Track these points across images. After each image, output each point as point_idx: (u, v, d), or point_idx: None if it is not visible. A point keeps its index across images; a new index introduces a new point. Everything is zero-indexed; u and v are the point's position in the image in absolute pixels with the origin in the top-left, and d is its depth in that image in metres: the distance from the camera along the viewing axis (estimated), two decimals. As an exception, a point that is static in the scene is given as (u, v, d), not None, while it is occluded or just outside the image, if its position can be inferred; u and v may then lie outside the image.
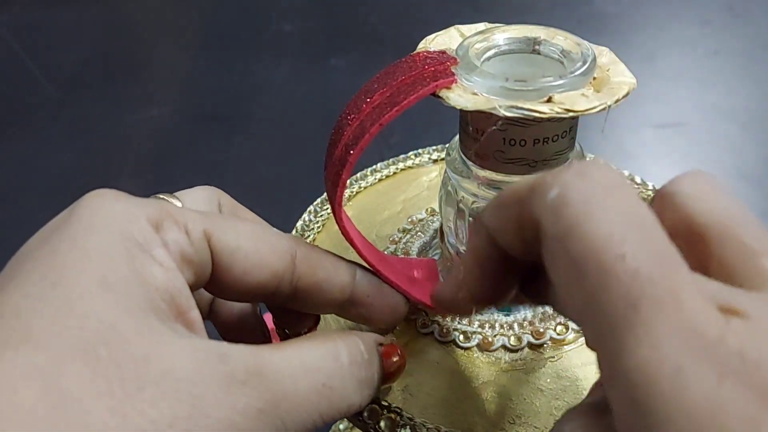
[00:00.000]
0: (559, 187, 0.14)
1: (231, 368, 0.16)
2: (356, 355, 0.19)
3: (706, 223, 0.15)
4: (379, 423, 0.22)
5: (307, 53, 0.85)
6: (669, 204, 0.16)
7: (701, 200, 0.15)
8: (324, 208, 0.31)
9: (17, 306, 0.15)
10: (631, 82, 0.21)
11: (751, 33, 0.86)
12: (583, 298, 0.13)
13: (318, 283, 0.21)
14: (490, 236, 0.17)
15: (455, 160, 0.25)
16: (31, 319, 0.15)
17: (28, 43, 0.88)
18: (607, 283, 0.13)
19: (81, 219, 0.17)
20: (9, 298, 0.15)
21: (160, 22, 0.97)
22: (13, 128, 0.73)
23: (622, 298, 0.13)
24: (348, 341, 0.19)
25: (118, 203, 0.17)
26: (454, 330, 0.25)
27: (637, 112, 0.70)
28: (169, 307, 0.17)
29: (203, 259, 0.18)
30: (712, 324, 0.12)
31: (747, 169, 0.64)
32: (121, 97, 0.78)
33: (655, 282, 0.13)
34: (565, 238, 0.13)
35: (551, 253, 0.14)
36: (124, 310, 0.15)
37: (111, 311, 0.15)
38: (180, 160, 0.67)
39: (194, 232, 0.18)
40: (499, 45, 0.23)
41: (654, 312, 0.12)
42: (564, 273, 0.14)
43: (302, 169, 0.49)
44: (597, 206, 0.13)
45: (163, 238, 0.17)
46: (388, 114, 0.20)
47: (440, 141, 0.35)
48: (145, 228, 0.17)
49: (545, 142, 0.22)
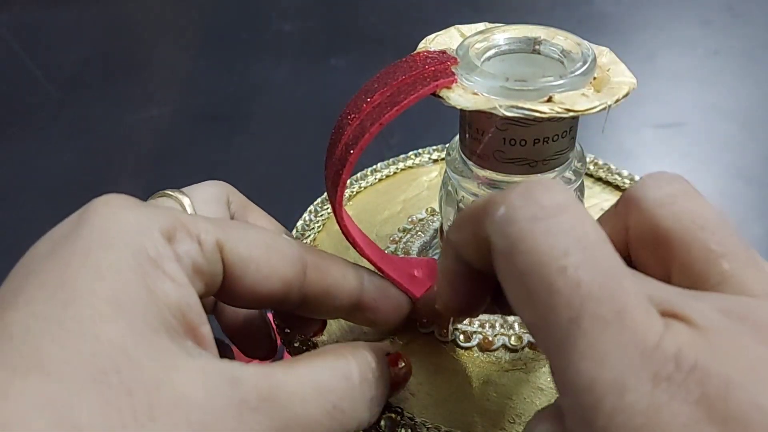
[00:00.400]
0: (505, 207, 0.14)
1: (243, 394, 0.16)
2: (367, 373, 0.19)
3: (670, 228, 0.15)
4: (379, 423, 0.22)
5: (307, 53, 0.85)
6: (634, 209, 0.16)
7: (666, 205, 0.16)
8: (324, 208, 0.31)
9: (27, 327, 0.15)
10: (631, 82, 0.21)
11: (751, 33, 0.86)
12: (531, 313, 0.14)
13: (327, 290, 0.21)
14: (457, 252, 0.18)
15: (455, 160, 0.25)
16: (42, 343, 0.14)
17: (28, 43, 0.88)
18: (550, 296, 0.13)
19: (92, 231, 0.16)
20: (17, 316, 0.15)
21: (160, 22, 0.97)
22: (13, 128, 0.73)
23: (565, 310, 0.13)
24: (359, 358, 0.19)
25: (130, 213, 0.17)
26: (454, 330, 0.25)
27: (637, 112, 0.70)
28: (180, 324, 0.16)
29: (215, 270, 0.18)
30: (651, 331, 0.13)
31: (747, 169, 0.64)
32: (121, 97, 0.78)
33: (596, 294, 0.13)
34: (511, 255, 0.14)
35: (501, 269, 0.15)
36: (135, 333, 0.15)
37: (123, 334, 0.15)
38: (180, 160, 0.67)
39: (207, 243, 0.18)
40: (499, 45, 0.23)
41: (595, 325, 0.13)
42: (513, 288, 0.14)
43: (302, 169, 0.49)
44: (540, 224, 0.14)
45: (175, 250, 0.17)
46: (388, 113, 0.20)
47: (440, 141, 0.36)
48: (157, 241, 0.17)
49: (545, 141, 0.22)
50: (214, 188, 0.26)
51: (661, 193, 0.16)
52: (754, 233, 0.57)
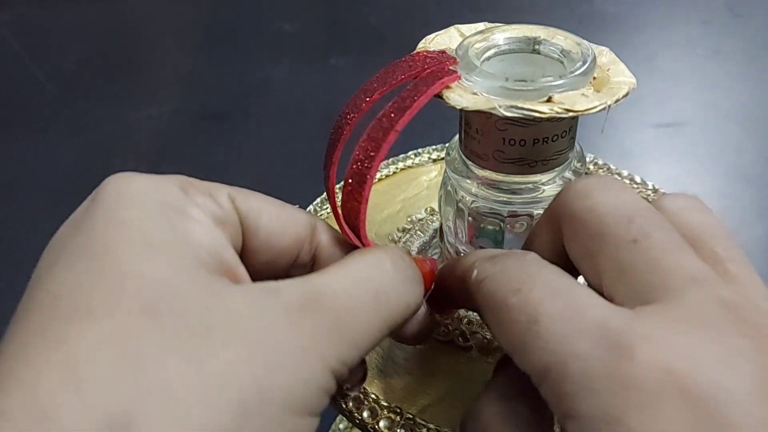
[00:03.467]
0: (477, 271, 0.18)
1: (289, 299, 0.16)
2: (398, 259, 0.19)
3: (688, 236, 0.18)
4: (379, 423, 0.22)
5: (307, 53, 0.85)
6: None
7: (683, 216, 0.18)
8: (324, 208, 0.31)
9: (71, 284, 0.15)
10: (631, 81, 0.21)
11: (751, 33, 0.86)
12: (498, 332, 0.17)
13: (337, 256, 0.21)
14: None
15: (455, 159, 0.25)
16: (89, 293, 0.15)
17: (28, 42, 0.88)
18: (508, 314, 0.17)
19: (109, 196, 0.17)
20: (60, 278, 0.15)
21: (160, 22, 0.97)
22: (13, 127, 0.73)
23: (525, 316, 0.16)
24: (386, 250, 0.20)
25: (142, 177, 0.18)
26: (453, 330, 0.25)
27: (637, 112, 0.70)
28: (216, 262, 0.17)
29: (232, 219, 0.19)
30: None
31: (747, 169, 0.64)
32: (121, 96, 0.78)
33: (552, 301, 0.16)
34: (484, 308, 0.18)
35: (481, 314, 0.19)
36: (175, 268, 0.16)
37: (163, 270, 0.16)
38: (180, 160, 0.67)
39: (219, 196, 0.19)
40: (499, 45, 0.23)
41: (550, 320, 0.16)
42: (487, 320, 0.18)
43: (302, 168, 0.49)
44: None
45: (193, 200, 0.18)
46: (401, 119, 0.20)
47: (440, 141, 0.36)
48: (176, 192, 0.18)
49: (545, 141, 0.22)
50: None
51: (676, 206, 0.19)
52: (754, 233, 0.57)
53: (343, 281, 0.17)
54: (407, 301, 0.19)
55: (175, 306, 0.15)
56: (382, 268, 0.19)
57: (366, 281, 0.18)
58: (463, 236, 0.26)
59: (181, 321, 0.15)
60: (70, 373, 0.13)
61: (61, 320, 0.14)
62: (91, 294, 0.15)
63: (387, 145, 0.19)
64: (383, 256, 0.19)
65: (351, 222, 0.21)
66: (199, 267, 0.16)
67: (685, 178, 0.61)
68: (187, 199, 0.18)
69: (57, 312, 0.15)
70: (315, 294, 0.17)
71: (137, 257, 0.16)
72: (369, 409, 0.22)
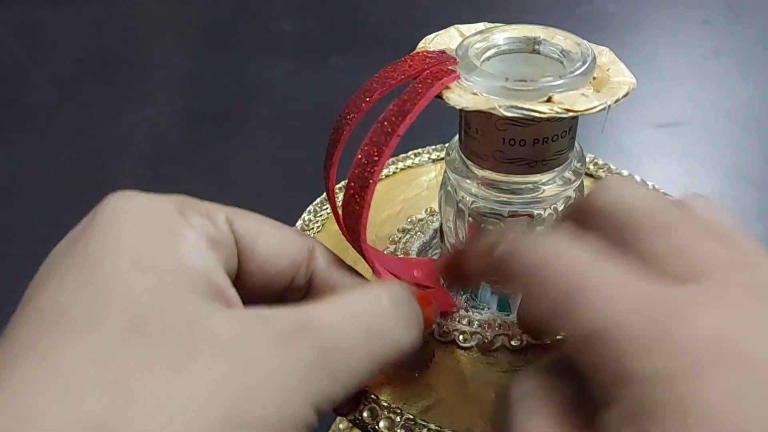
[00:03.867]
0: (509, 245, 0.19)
1: (279, 326, 0.16)
2: (396, 297, 0.19)
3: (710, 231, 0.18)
4: (379, 423, 0.22)
5: (307, 53, 0.85)
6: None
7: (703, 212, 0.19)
8: (324, 208, 0.31)
9: (58, 300, 0.15)
10: (631, 81, 0.21)
11: (751, 33, 0.86)
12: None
13: (333, 281, 0.21)
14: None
15: (455, 160, 0.25)
16: (74, 308, 0.15)
17: (27, 42, 0.88)
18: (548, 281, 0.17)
19: (105, 215, 0.17)
20: (49, 294, 0.16)
21: (160, 22, 0.97)
22: (12, 128, 0.73)
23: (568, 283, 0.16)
24: (386, 286, 0.19)
25: (140, 196, 0.18)
26: (454, 330, 0.25)
27: (637, 112, 0.70)
28: (206, 285, 0.17)
29: (228, 241, 0.19)
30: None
31: (747, 169, 0.64)
32: (120, 97, 0.77)
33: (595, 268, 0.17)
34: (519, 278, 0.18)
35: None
36: (163, 287, 0.16)
37: (150, 288, 0.16)
38: (179, 160, 0.67)
39: (217, 217, 0.19)
40: (498, 45, 0.23)
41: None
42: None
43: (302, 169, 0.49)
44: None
45: (189, 222, 0.18)
46: (403, 123, 0.19)
47: (440, 141, 0.35)
48: (172, 213, 0.18)
49: (545, 141, 0.22)
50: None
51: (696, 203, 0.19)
52: (755, 233, 0.57)
53: (335, 314, 0.17)
54: (400, 341, 0.19)
55: (160, 324, 0.15)
56: (378, 305, 0.18)
57: (359, 317, 0.18)
58: (464, 237, 0.26)
59: (164, 338, 0.15)
60: (54, 382, 0.14)
61: (48, 332, 0.15)
62: (79, 308, 0.15)
63: (389, 150, 0.19)
64: (381, 292, 0.19)
65: (351, 225, 0.21)
66: (187, 288, 0.16)
67: (685, 178, 0.61)
68: (183, 221, 0.18)
69: (45, 324, 0.15)
70: (304, 325, 0.16)
71: (126, 274, 0.16)
72: (369, 410, 0.22)
